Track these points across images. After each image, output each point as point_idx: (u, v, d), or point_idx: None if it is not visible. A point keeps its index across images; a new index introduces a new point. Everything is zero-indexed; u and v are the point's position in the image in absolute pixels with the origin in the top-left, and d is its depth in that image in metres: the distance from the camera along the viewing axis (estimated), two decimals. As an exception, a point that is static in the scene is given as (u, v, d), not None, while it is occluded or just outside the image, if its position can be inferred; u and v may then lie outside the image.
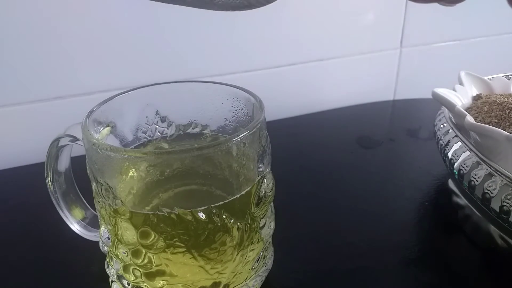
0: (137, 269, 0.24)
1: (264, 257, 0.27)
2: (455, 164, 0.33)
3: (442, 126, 0.38)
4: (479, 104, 0.36)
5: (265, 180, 0.25)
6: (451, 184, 0.39)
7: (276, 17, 0.50)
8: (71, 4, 0.41)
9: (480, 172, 0.31)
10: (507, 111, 0.33)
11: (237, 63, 0.51)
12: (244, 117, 0.27)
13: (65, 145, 0.26)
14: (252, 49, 0.51)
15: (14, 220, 0.35)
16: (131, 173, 0.25)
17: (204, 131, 0.30)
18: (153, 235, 0.23)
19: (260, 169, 0.25)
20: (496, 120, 0.33)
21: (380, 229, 0.33)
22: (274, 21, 0.50)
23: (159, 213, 0.22)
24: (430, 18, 0.57)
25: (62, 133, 0.26)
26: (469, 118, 0.32)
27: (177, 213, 0.22)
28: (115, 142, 0.27)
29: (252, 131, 0.23)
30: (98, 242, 0.27)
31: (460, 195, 0.37)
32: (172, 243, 0.23)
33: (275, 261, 0.29)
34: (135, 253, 0.24)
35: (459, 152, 0.34)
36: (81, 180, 0.28)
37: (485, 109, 0.35)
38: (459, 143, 0.34)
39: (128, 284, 0.25)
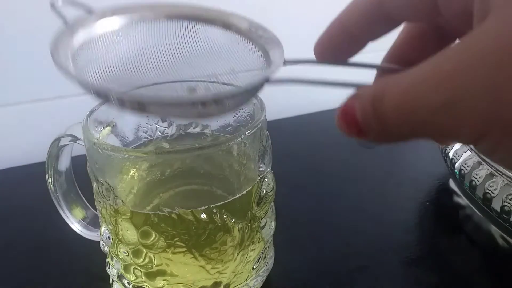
0: (138, 269, 0.24)
1: (265, 257, 0.27)
2: (456, 164, 0.33)
3: (442, 126, 0.38)
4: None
5: (266, 179, 0.25)
6: (452, 184, 0.39)
7: (276, 17, 0.50)
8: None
9: (481, 172, 0.31)
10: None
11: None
12: (245, 117, 0.27)
13: (65, 145, 0.26)
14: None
15: (15, 220, 0.35)
16: (131, 173, 0.25)
17: (204, 131, 0.30)
18: (153, 235, 0.22)
19: (261, 169, 0.25)
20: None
21: (381, 229, 0.33)
22: (274, 21, 0.50)
23: (159, 213, 0.22)
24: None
25: (63, 132, 0.26)
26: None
27: (177, 213, 0.22)
28: (116, 142, 0.27)
29: (253, 130, 0.23)
30: (98, 242, 0.27)
31: (461, 195, 0.37)
32: (173, 243, 0.23)
33: (275, 261, 0.29)
34: (136, 253, 0.24)
35: (460, 152, 0.34)
36: (81, 180, 0.28)
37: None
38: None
39: (129, 283, 0.25)
